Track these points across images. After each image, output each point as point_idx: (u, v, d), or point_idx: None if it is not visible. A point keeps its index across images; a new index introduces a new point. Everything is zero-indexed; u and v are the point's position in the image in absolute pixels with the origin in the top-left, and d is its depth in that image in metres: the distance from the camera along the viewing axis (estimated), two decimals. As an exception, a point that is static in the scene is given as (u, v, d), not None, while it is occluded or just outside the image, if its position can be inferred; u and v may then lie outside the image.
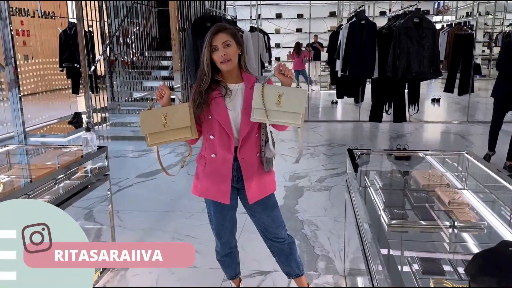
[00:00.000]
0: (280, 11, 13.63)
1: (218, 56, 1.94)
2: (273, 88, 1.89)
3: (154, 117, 1.95)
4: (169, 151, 5.94)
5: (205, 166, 2.08)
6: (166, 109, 1.96)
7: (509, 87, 4.62)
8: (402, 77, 5.15)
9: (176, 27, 6.36)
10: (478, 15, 8.60)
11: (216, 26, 1.99)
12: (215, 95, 1.99)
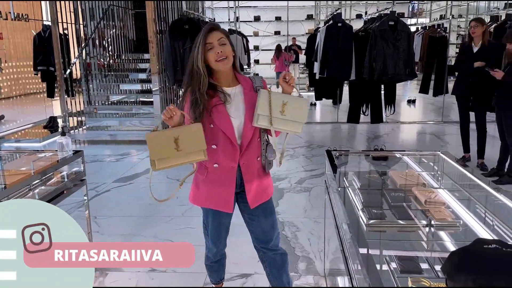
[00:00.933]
0: (258, 13, 13.67)
1: (214, 54, 1.83)
2: (278, 96, 1.86)
3: (164, 140, 1.76)
4: (147, 155, 5.86)
5: (206, 175, 1.97)
6: (178, 131, 1.77)
7: (465, 86, 4.76)
8: (378, 79, 5.23)
9: (153, 29, 6.31)
10: (451, 17, 8.80)
11: (209, 24, 1.91)
12: (215, 102, 1.88)
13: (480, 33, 4.58)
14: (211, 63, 1.86)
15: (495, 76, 4.25)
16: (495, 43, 4.62)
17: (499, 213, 2.00)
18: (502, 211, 2.02)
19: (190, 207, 3.93)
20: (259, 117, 1.85)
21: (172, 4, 6.98)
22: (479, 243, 1.16)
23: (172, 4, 7.00)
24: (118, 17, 8.97)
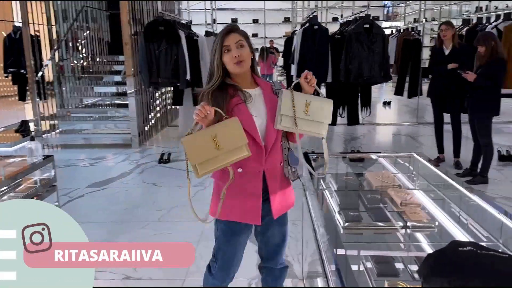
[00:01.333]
0: (236, 16, 13.66)
1: (230, 57, 1.77)
2: (301, 96, 1.78)
3: (202, 141, 1.63)
4: (123, 158, 5.76)
5: (230, 183, 1.78)
6: (214, 129, 1.65)
7: (440, 87, 4.86)
8: (355, 81, 5.28)
9: (128, 31, 6.20)
10: (424, 21, 8.98)
11: (228, 26, 1.84)
12: (235, 101, 1.80)
13: (450, 36, 4.68)
14: (228, 66, 1.80)
15: (467, 78, 4.34)
16: (465, 45, 4.72)
17: (473, 213, 2.03)
18: (476, 211, 2.04)
19: (167, 212, 3.87)
20: (282, 118, 1.76)
21: (147, 6, 6.89)
22: (454, 246, 1.16)
23: (148, 5, 6.91)
24: (92, 18, 8.81)
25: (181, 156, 5.79)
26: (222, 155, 1.65)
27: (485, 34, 4.27)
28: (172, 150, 5.90)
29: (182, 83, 5.88)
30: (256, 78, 1.91)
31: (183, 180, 4.76)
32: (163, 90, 7.71)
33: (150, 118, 7.02)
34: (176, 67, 5.72)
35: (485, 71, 4.21)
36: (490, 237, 1.72)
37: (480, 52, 4.23)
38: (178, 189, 4.45)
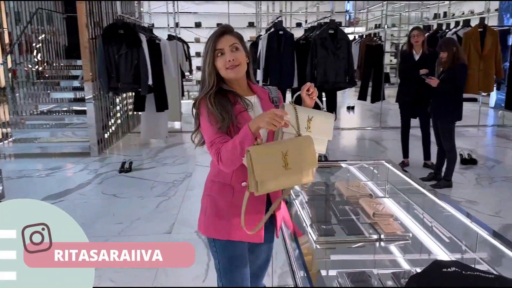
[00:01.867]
0: (199, 20, 13.47)
1: (224, 62, 1.62)
2: (303, 110, 1.61)
3: (272, 156, 1.46)
4: (82, 168, 5.48)
5: (232, 198, 1.65)
6: (287, 144, 1.49)
7: (410, 92, 4.91)
8: (320, 87, 5.25)
9: (86, 34, 5.93)
10: (386, 27, 9.15)
11: (221, 27, 1.69)
12: (238, 109, 1.65)
13: (421, 41, 4.73)
14: (221, 71, 1.65)
15: (430, 84, 4.39)
16: (433, 51, 4.78)
17: (445, 221, 1.99)
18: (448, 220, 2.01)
19: (128, 225, 3.66)
20: (283, 135, 1.59)
21: (106, 8, 6.63)
22: (437, 267, 1.08)
23: (106, 7, 6.65)
24: (47, 21, 8.41)
25: (143, 165, 5.57)
26: (288, 175, 1.48)
27: (446, 40, 4.34)
28: (133, 158, 5.67)
29: (143, 89, 5.66)
30: (252, 85, 1.77)
31: (145, 190, 4.59)
32: (124, 95, 7.44)
33: (110, 125, 6.75)
34: (137, 71, 5.51)
35: (447, 77, 4.26)
36: (467, 250, 1.68)
37: (442, 57, 4.29)
38: (140, 200, 4.25)
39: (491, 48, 5.46)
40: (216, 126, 1.59)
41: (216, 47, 1.64)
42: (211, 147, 1.59)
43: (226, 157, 1.54)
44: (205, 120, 1.62)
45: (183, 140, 7.19)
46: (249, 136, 1.48)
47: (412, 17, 13.78)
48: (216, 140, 1.58)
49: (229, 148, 1.53)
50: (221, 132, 1.59)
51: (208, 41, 1.67)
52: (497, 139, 7.06)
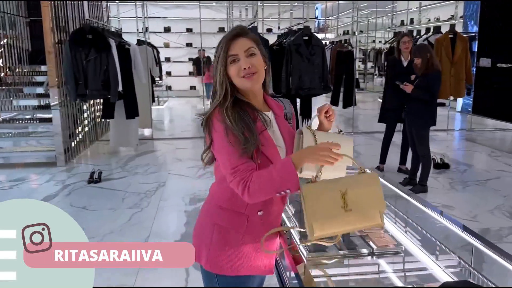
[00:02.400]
0: (169, 24, 13.27)
1: (238, 69, 1.39)
2: (322, 136, 1.43)
3: (329, 195, 1.29)
4: (48, 178, 5.21)
5: (245, 228, 1.45)
6: (346, 182, 1.30)
7: (397, 99, 4.88)
8: (296, 93, 5.21)
9: (51, 39, 5.67)
10: (355, 33, 9.25)
11: (234, 29, 1.45)
12: (259, 127, 1.42)
13: (410, 47, 4.75)
14: (235, 80, 1.42)
15: (405, 90, 4.41)
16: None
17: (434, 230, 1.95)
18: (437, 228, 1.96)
19: (99, 241, 3.47)
20: (304, 165, 1.38)
21: (72, 12, 6.37)
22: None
23: (73, 12, 6.39)
24: (9, 25, 8.03)
25: (113, 174, 5.36)
26: (350, 217, 1.30)
27: (420, 47, 4.38)
28: (103, 168, 5.45)
29: (113, 95, 5.45)
30: (267, 98, 1.54)
31: (116, 201, 4.38)
32: (92, 102, 7.17)
33: (77, 133, 6.47)
34: (106, 78, 5.30)
35: (422, 83, 4.30)
36: (461, 263, 1.63)
37: (417, 63, 4.32)
38: (111, 213, 4.05)
39: (461, 54, 5.59)
40: (239, 148, 1.35)
41: (229, 52, 1.41)
42: (233, 174, 1.35)
43: (256, 190, 1.33)
44: (222, 139, 1.37)
45: (154, 147, 6.99)
46: (293, 174, 1.29)
47: (379, 24, 14.05)
48: (241, 167, 1.34)
49: (263, 181, 1.32)
50: (246, 157, 1.36)
51: (219, 45, 1.43)
52: (466, 143, 7.23)
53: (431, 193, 4.50)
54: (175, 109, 12.07)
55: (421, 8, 8.65)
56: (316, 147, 1.33)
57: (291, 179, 1.30)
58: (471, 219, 3.84)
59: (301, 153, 1.33)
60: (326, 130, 1.52)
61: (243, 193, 1.34)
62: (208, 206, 1.53)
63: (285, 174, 1.30)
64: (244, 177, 1.33)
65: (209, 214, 1.50)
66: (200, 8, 8.56)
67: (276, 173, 1.31)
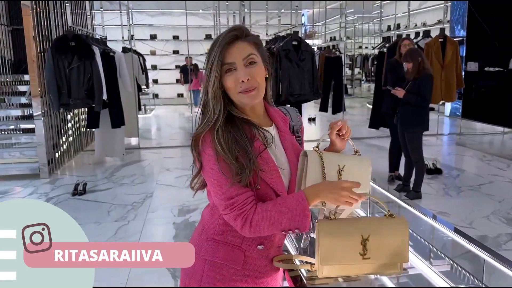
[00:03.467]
0: (155, 32, 13.14)
1: (235, 81, 1.19)
2: (332, 159, 1.25)
3: (346, 239, 1.15)
4: (30, 191, 5.02)
5: (242, 265, 1.27)
6: (369, 226, 1.17)
7: (394, 103, 4.79)
8: (286, 100, 5.11)
9: (34, 47, 5.49)
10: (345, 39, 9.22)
11: (231, 30, 1.21)
12: (258, 147, 1.22)
13: None
14: (231, 92, 1.21)
15: (397, 95, 4.34)
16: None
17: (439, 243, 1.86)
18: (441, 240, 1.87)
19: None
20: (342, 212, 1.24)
21: (55, 20, 6.20)
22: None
23: (56, 20, 6.22)
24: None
25: (99, 186, 5.18)
26: (365, 264, 1.17)
27: (412, 51, 4.31)
28: (88, 179, 5.27)
29: (97, 104, 5.29)
30: (270, 110, 1.33)
31: (101, 214, 4.20)
32: (76, 111, 6.98)
33: (61, 143, 6.28)
34: (90, 86, 5.14)
35: (413, 87, 4.23)
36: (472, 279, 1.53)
37: (408, 68, 4.25)
38: (96, 227, 3.88)
39: (451, 58, 5.55)
40: (231, 177, 1.17)
41: (224, 60, 1.18)
42: (229, 207, 1.18)
43: (259, 226, 1.17)
44: (212, 166, 1.19)
45: (141, 157, 6.82)
46: (306, 213, 1.14)
47: (365, 29, 14.10)
48: (238, 199, 1.17)
49: (268, 217, 1.16)
50: (241, 186, 1.18)
51: (212, 50, 1.21)
52: (457, 147, 7.20)
53: (425, 200, 4.42)
54: (163, 117, 11.91)
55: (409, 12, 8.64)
56: (336, 185, 1.17)
57: (303, 219, 1.15)
58: (467, 226, 3.76)
59: (317, 189, 1.17)
60: (338, 151, 1.34)
61: (242, 228, 1.19)
62: (199, 239, 1.33)
63: (297, 212, 1.15)
64: (243, 211, 1.18)
65: (200, 248, 1.30)
66: (186, 16, 8.45)
67: (286, 209, 1.15)
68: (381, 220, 1.20)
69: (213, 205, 1.30)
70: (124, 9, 8.17)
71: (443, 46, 5.55)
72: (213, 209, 1.31)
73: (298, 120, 1.44)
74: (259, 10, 10.14)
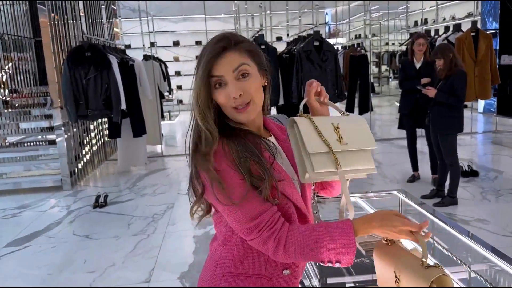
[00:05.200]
0: (177, 38, 13.15)
1: (226, 97, 1.06)
2: (322, 120, 1.11)
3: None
4: (53, 204, 4.98)
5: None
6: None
7: (411, 103, 4.60)
8: (308, 102, 4.89)
9: (52, 59, 5.48)
10: (368, 36, 8.91)
11: (217, 41, 1.07)
12: (268, 158, 1.11)
13: (425, 49, 4.43)
14: (225, 109, 1.09)
15: (428, 94, 4.07)
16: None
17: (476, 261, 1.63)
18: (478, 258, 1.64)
19: (100, 275, 3.18)
20: (312, 160, 1.05)
21: (74, 31, 6.17)
22: None
23: (74, 30, 6.19)
24: (15, 47, 7.94)
25: (121, 197, 5.09)
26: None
27: (442, 46, 4.02)
28: (110, 190, 5.21)
29: (116, 114, 5.21)
30: (266, 121, 1.22)
31: (121, 228, 4.11)
32: (99, 120, 6.97)
33: (84, 154, 6.26)
34: (108, 96, 5.07)
35: (446, 86, 3.94)
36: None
37: (439, 65, 3.97)
38: (115, 241, 3.77)
39: (485, 53, 5.19)
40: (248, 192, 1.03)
41: (212, 72, 1.05)
42: (256, 230, 1.03)
43: (294, 250, 1.03)
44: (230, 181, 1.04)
45: (164, 165, 6.74)
46: (352, 245, 0.99)
47: (391, 26, 13.68)
48: (264, 218, 1.03)
49: (304, 242, 1.02)
50: (261, 201, 1.03)
51: (199, 62, 1.08)
52: (493, 146, 6.79)
53: (461, 205, 4.11)
54: (187, 123, 11.77)
55: (438, 6, 8.25)
56: (392, 216, 1.01)
57: (348, 253, 1.00)
58: (509, 235, 3.45)
59: (369, 220, 1.01)
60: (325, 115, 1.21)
61: (275, 252, 1.04)
62: (213, 276, 1.15)
63: (342, 243, 0.99)
64: (274, 231, 1.03)
65: (216, 285, 1.13)
66: (206, 21, 8.36)
67: (328, 238, 1.00)
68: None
69: (225, 235, 1.15)
70: (144, 16, 8.14)
71: (476, 40, 5.20)
72: (225, 239, 1.15)
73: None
74: (279, 12, 9.96)
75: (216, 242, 1.20)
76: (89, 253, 3.56)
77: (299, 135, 1.07)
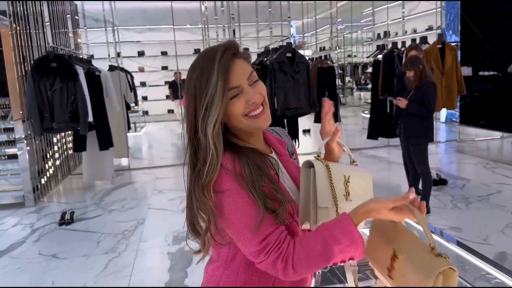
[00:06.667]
0: (143, 48, 12.94)
1: (244, 105, 1.01)
2: (337, 169, 1.11)
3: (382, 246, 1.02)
4: (15, 222, 4.70)
5: None
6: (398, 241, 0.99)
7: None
8: (282, 114, 4.87)
9: (14, 70, 5.22)
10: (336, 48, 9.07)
11: (227, 48, 1.01)
12: (274, 176, 1.06)
13: None
14: (236, 120, 1.03)
15: (399, 105, 4.13)
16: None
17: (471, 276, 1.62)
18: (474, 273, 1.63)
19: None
20: (319, 212, 1.05)
21: (37, 41, 5.92)
22: None
23: (38, 40, 5.94)
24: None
25: (87, 213, 4.87)
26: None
27: (412, 59, 4.10)
28: (76, 206, 4.98)
29: (83, 127, 5.00)
30: (266, 134, 1.17)
31: (90, 246, 3.90)
32: (62, 133, 6.69)
33: (47, 168, 5.97)
34: (74, 108, 4.86)
35: (416, 96, 4.02)
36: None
37: (409, 76, 4.05)
38: (84, 261, 3.58)
39: (451, 64, 5.36)
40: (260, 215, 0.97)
41: (231, 84, 0.99)
42: (264, 252, 0.97)
43: (304, 265, 0.97)
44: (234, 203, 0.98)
45: (132, 179, 6.53)
46: (357, 240, 0.94)
47: (354, 38, 14.03)
48: (272, 239, 0.97)
49: (312, 255, 0.96)
50: (271, 223, 0.98)
51: (205, 76, 0.98)
52: (457, 155, 7.01)
53: (434, 214, 4.19)
54: (153, 134, 11.64)
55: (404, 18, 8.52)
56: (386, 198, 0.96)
57: (356, 248, 0.94)
58: (483, 242, 3.52)
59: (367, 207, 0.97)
60: (336, 159, 1.22)
61: (285, 272, 0.97)
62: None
63: (347, 243, 0.94)
64: (281, 251, 0.97)
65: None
66: (174, 31, 8.25)
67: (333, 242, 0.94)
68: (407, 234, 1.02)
69: (227, 257, 1.09)
70: (109, 26, 7.93)
71: (442, 52, 5.37)
72: (227, 261, 1.09)
73: (289, 140, 1.28)
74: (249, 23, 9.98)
75: (214, 264, 1.13)
76: (58, 274, 3.35)
77: (313, 182, 1.06)
